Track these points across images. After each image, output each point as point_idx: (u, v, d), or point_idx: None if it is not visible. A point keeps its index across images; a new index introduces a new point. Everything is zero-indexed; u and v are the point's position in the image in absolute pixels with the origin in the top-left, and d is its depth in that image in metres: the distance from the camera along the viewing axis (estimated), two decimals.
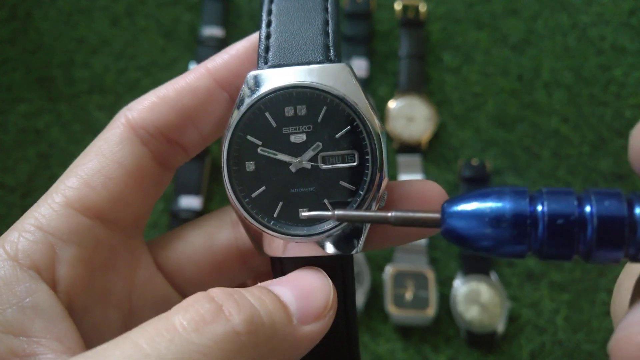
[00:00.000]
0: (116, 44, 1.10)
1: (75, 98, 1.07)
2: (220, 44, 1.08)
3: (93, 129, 1.04)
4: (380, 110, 1.07)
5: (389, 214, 0.30)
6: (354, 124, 0.35)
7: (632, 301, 0.26)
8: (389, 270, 0.97)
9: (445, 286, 0.99)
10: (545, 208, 0.25)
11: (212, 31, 1.09)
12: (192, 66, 1.05)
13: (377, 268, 0.99)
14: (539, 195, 0.26)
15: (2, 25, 1.10)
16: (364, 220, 0.33)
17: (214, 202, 1.03)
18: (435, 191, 0.36)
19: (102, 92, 1.07)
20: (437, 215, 0.29)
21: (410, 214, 0.30)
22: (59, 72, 1.08)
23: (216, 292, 0.30)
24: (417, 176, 1.01)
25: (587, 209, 0.25)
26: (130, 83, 1.07)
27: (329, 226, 0.35)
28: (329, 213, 0.33)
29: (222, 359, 0.27)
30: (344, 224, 0.35)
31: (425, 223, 0.30)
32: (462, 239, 0.27)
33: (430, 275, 0.97)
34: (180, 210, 1.00)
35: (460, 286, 0.97)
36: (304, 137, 0.35)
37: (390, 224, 0.31)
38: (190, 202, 1.01)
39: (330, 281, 0.34)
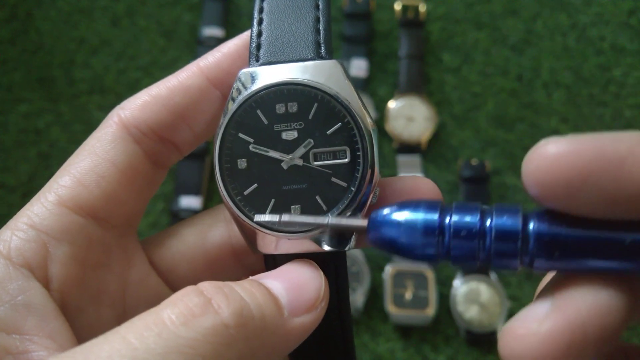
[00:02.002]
0: (116, 44, 1.10)
1: (76, 98, 1.07)
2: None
3: (93, 129, 1.03)
4: (380, 110, 1.07)
5: (325, 221, 0.34)
6: (345, 120, 0.35)
7: (536, 297, 0.29)
8: (388, 270, 0.97)
9: (444, 286, 0.99)
10: (452, 220, 0.29)
11: (212, 31, 1.10)
12: None
13: (377, 268, 0.99)
14: (449, 209, 0.30)
15: (3, 26, 1.11)
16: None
17: (214, 201, 1.03)
18: (427, 187, 0.36)
19: (103, 92, 1.07)
20: (364, 224, 0.33)
21: (343, 222, 0.34)
22: (59, 72, 1.08)
23: (205, 286, 0.30)
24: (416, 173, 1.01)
25: (488, 222, 0.29)
26: (130, 83, 1.07)
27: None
28: (276, 219, 0.34)
29: (212, 352, 0.27)
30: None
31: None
32: (384, 244, 0.31)
33: (430, 275, 0.97)
34: (180, 210, 1.00)
35: (460, 286, 0.97)
36: (295, 134, 0.35)
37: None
38: (190, 202, 1.01)
39: (321, 273, 0.34)
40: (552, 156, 0.26)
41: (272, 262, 0.36)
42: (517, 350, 0.26)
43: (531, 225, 0.28)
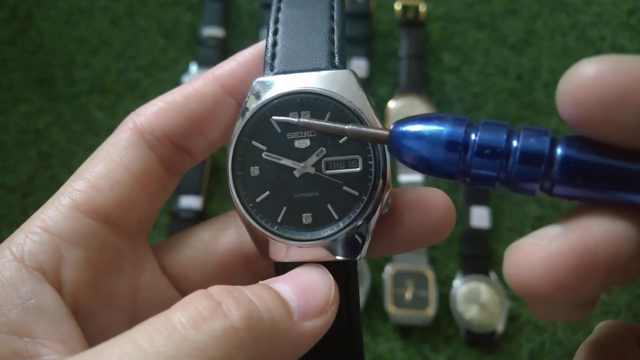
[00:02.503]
0: (116, 44, 1.10)
1: (76, 98, 1.07)
2: (221, 44, 1.08)
3: (93, 129, 1.04)
4: (380, 111, 1.07)
5: (346, 127, 0.33)
6: None
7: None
8: (388, 270, 0.97)
9: (444, 286, 0.99)
10: (477, 137, 0.28)
11: (212, 31, 1.09)
12: (193, 66, 1.05)
13: (377, 268, 0.99)
14: (476, 125, 0.29)
15: (3, 25, 1.10)
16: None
17: (214, 202, 1.03)
18: (440, 199, 0.36)
19: (103, 92, 1.07)
20: (386, 132, 0.32)
21: (364, 129, 0.33)
22: (59, 72, 1.08)
23: (215, 290, 0.30)
24: (417, 176, 1.01)
25: (514, 142, 0.28)
26: (130, 83, 1.07)
27: (333, 231, 0.35)
28: (295, 120, 0.34)
29: (221, 354, 0.27)
30: (348, 230, 0.35)
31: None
32: (404, 155, 0.31)
33: (430, 275, 0.97)
34: (180, 210, 1.00)
35: (460, 286, 0.97)
36: (308, 142, 0.35)
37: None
38: (190, 202, 1.01)
39: (331, 277, 0.34)
40: (592, 74, 0.25)
41: (283, 269, 0.36)
42: (523, 266, 0.26)
43: (558, 150, 0.27)
